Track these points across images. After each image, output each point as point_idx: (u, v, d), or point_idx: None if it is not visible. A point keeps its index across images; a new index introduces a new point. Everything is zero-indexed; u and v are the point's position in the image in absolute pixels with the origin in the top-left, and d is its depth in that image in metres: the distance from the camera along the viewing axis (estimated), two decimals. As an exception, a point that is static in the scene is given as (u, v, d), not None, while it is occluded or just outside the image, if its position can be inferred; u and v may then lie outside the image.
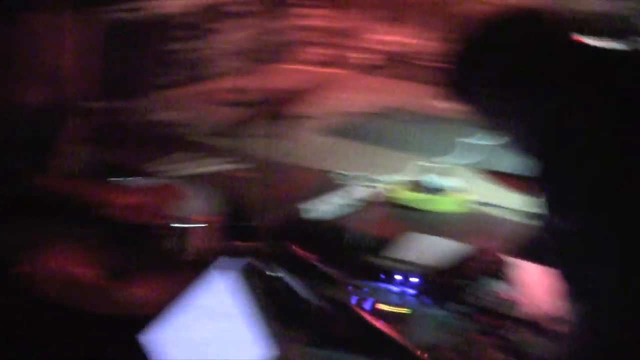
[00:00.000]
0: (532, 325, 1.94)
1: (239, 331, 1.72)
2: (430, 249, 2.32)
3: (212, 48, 6.05)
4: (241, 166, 2.99)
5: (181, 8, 5.65)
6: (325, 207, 3.32)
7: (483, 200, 3.80)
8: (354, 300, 1.98)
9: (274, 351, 1.77)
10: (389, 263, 2.18)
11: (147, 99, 5.22)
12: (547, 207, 1.38)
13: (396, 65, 6.81)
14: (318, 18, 7.03)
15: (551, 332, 1.87)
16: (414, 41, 6.71)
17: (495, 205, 3.80)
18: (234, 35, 6.26)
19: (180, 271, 2.31)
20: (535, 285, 2.07)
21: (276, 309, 1.87)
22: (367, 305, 1.99)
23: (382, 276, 2.11)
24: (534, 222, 2.79)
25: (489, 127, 1.52)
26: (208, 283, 1.65)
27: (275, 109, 2.36)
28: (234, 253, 2.47)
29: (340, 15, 6.92)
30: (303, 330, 1.84)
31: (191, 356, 1.56)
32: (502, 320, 1.97)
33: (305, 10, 7.05)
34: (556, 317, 1.91)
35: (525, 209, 3.66)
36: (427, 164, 3.79)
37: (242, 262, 1.78)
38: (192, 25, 5.76)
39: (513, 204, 3.78)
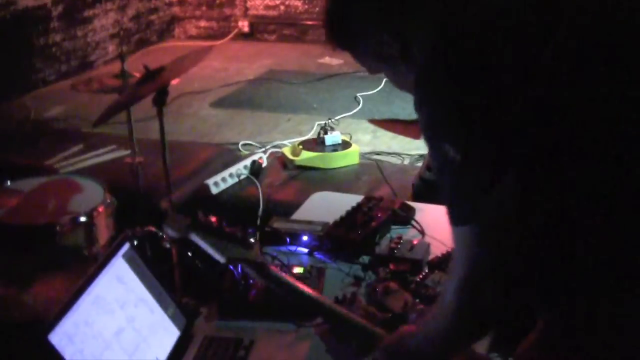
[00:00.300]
0: (442, 265, 1.98)
1: (150, 313, 1.72)
2: (333, 205, 2.34)
3: (91, 35, 5.90)
4: (135, 151, 2.94)
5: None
6: (227, 178, 3.31)
7: (377, 150, 3.89)
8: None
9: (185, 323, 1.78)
10: (294, 225, 2.18)
11: (30, 95, 5.08)
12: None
13: (279, 28, 6.82)
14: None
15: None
16: (295, 2, 6.72)
17: (389, 153, 3.89)
18: (110, 20, 6.12)
19: (86, 265, 2.28)
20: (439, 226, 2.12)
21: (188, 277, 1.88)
22: (276, 267, 1.99)
23: (288, 239, 2.12)
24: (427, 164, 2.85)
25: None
26: (111, 271, 1.64)
27: (162, 88, 2.31)
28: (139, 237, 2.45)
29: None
30: (217, 296, 1.84)
31: (105, 348, 1.54)
32: (411, 264, 2.00)
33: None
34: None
35: (417, 152, 3.79)
36: (321, 123, 3.81)
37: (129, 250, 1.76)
38: (67, 15, 5.59)
39: (405, 149, 3.89)
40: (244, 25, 6.83)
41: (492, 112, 1.18)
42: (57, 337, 1.44)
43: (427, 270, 1.96)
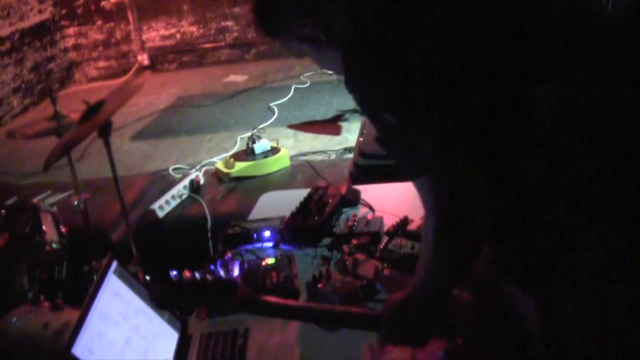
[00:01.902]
0: (398, 232, 2.17)
1: (150, 321, 1.85)
2: (282, 202, 2.50)
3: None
4: (80, 189, 3.01)
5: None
6: (170, 200, 3.44)
7: (303, 151, 4.07)
8: (236, 264, 2.13)
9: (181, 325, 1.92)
10: (254, 224, 2.33)
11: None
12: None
13: (178, 56, 6.95)
14: (86, 34, 7.01)
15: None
16: (189, 29, 6.86)
17: (315, 152, 4.09)
18: (10, 74, 6.12)
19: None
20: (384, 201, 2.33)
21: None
22: (246, 264, 2.15)
23: (253, 237, 2.28)
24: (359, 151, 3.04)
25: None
26: (108, 287, 1.77)
27: (106, 120, 2.44)
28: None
29: (109, 26, 6.94)
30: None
31: (120, 355, 1.67)
32: (371, 236, 2.19)
33: (73, 30, 7.00)
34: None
35: (340, 147, 4.00)
36: (243, 136, 3.98)
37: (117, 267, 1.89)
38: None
39: (328, 147, 4.09)
40: (143, 58, 6.92)
41: (412, 76, 1.31)
42: (79, 349, 1.58)
43: (387, 239, 2.16)
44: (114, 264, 1.87)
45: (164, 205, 3.40)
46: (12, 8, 6.27)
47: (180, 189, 3.49)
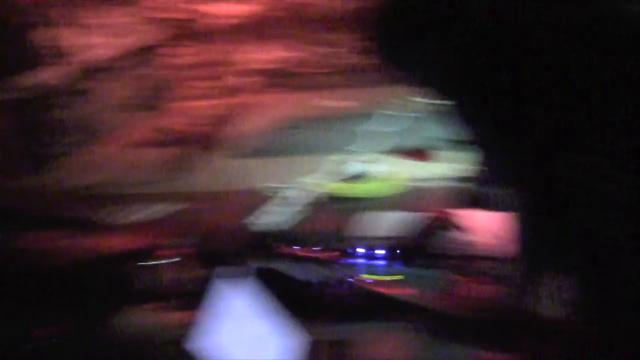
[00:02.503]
0: (491, 259, 2.21)
1: (261, 327, 1.93)
2: (388, 223, 2.56)
3: (97, 105, 6.15)
4: (181, 204, 3.15)
5: (57, 76, 5.72)
6: (272, 218, 3.53)
7: (410, 177, 4.10)
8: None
9: (297, 337, 1.99)
10: (368, 241, 2.40)
11: (50, 170, 5.28)
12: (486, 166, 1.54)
13: (279, 78, 7.09)
14: (190, 55, 7.24)
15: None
16: (295, 53, 7.02)
17: (422, 179, 4.11)
18: (114, 89, 6.38)
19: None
20: (484, 227, 2.37)
21: (286, 298, 2.08)
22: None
23: (360, 253, 2.35)
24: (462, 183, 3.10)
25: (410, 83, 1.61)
26: (221, 293, 1.85)
27: (185, 144, 2.55)
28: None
29: (213, 47, 7.15)
30: (316, 312, 2.05)
31: (235, 355, 1.75)
32: (470, 260, 2.23)
33: (176, 51, 7.24)
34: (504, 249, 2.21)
35: (445, 174, 4.03)
36: (351, 156, 4.05)
37: (237, 270, 1.98)
38: (72, 89, 5.83)
39: (435, 173, 4.12)
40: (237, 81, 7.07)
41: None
42: (199, 344, 1.66)
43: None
44: (239, 268, 1.96)
45: (262, 219, 3.49)
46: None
47: (277, 206, 3.57)
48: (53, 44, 5.72)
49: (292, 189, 4.08)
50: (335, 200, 3.75)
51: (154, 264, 2.67)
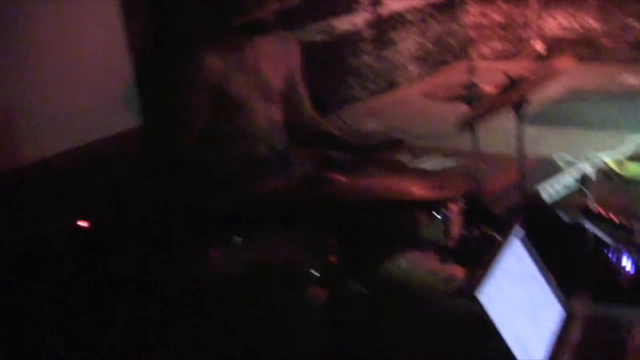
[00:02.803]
0: None
1: (541, 290, 1.96)
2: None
3: (396, 56, 6.36)
4: (469, 161, 3.21)
5: (363, 23, 5.98)
6: (554, 189, 3.49)
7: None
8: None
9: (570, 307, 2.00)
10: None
11: (344, 110, 5.58)
12: None
13: (580, 47, 6.87)
14: (490, 14, 7.23)
15: None
16: (595, 23, 6.76)
17: None
18: (413, 42, 6.56)
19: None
20: None
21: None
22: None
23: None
24: None
25: None
26: (510, 250, 1.90)
27: (522, 98, 2.57)
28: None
29: (510, 9, 7.08)
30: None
31: (510, 312, 1.80)
32: None
33: (475, 9, 7.26)
34: None
35: None
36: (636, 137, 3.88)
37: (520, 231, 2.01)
38: (375, 38, 6.07)
39: None
40: (538, 44, 6.95)
41: None
42: (483, 295, 1.73)
43: None
44: (519, 230, 2.00)
45: (550, 189, 3.46)
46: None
47: (570, 179, 3.52)
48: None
49: (582, 162, 3.99)
50: (624, 180, 3.62)
51: (440, 215, 2.77)
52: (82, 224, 3.10)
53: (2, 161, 3.44)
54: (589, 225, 1.96)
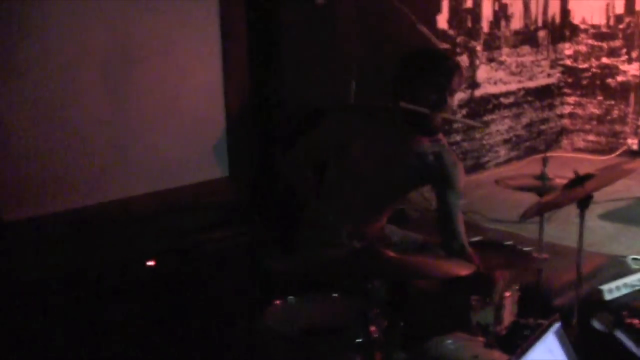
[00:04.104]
0: None
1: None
2: None
3: (487, 138, 6.40)
4: (536, 249, 3.25)
5: (457, 101, 6.04)
6: (621, 287, 3.46)
7: None
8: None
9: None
10: None
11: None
12: None
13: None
14: (584, 106, 7.20)
15: None
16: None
17: None
18: (505, 126, 6.59)
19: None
20: None
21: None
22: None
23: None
24: None
25: None
26: (545, 343, 1.93)
27: (588, 195, 2.61)
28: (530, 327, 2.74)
29: (608, 103, 7.04)
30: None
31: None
32: None
33: (573, 99, 7.24)
34: None
35: None
36: None
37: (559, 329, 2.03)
38: (467, 116, 6.13)
39: None
40: (633, 143, 6.86)
41: None
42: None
43: None
44: (557, 325, 2.03)
45: (614, 289, 3.43)
46: (525, 67, 6.73)
47: (635, 280, 3.48)
48: None
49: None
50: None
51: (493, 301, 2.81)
52: (150, 263, 3.26)
53: (88, 195, 3.65)
54: (621, 336, 1.96)
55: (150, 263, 3.32)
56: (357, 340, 2.35)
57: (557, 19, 7.05)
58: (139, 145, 3.82)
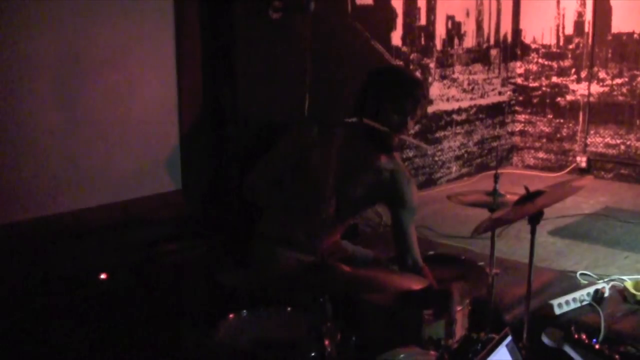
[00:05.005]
0: None
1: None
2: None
3: (438, 155, 6.47)
4: (487, 264, 3.29)
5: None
6: (570, 301, 3.51)
7: None
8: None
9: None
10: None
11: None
12: None
13: (617, 167, 6.90)
14: (535, 124, 7.33)
15: None
16: (636, 144, 6.79)
17: None
18: (457, 143, 6.67)
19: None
20: None
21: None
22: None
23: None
24: None
25: None
26: (492, 357, 1.95)
27: (539, 211, 2.65)
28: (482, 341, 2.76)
29: (558, 122, 7.17)
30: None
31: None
32: None
33: (523, 117, 7.37)
34: None
35: None
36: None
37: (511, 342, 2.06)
38: (422, 134, 6.20)
39: None
40: (582, 160, 7.00)
41: None
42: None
43: None
44: (509, 339, 2.05)
45: (563, 304, 3.48)
46: (477, 84, 6.83)
47: (583, 295, 3.54)
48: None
49: (601, 280, 4.00)
50: (638, 302, 3.62)
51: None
52: (102, 277, 3.23)
53: (37, 208, 3.59)
54: (570, 351, 2.00)
55: (103, 276, 3.27)
56: (311, 355, 2.36)
57: (509, 38, 7.18)
58: (92, 157, 3.78)
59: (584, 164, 7.01)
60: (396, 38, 5.90)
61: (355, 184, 3.07)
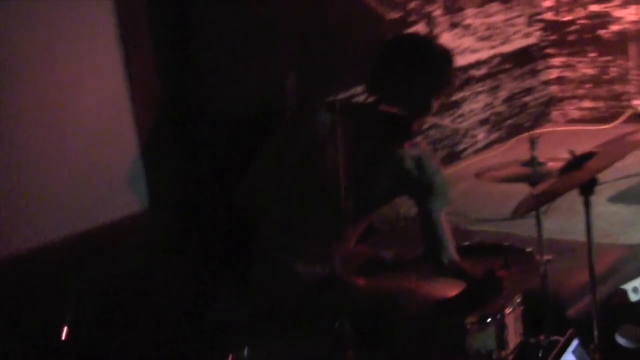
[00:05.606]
0: None
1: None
2: None
3: (459, 121, 6.45)
4: (533, 249, 3.28)
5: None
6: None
7: None
8: None
9: None
10: None
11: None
12: None
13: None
14: (574, 67, 7.27)
15: None
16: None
17: None
18: (481, 103, 6.63)
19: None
20: None
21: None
22: None
23: None
24: None
25: None
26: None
27: (591, 178, 2.64)
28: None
29: (604, 60, 7.11)
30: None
31: None
32: None
33: (559, 60, 7.31)
34: None
35: None
36: None
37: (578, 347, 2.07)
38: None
39: None
40: (639, 104, 6.94)
41: None
42: None
43: None
44: (576, 343, 2.05)
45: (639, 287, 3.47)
46: (496, 29, 6.79)
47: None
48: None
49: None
50: None
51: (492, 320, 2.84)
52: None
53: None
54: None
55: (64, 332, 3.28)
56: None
57: (529, -35, 7.15)
58: (32, 190, 3.74)
59: (641, 109, 6.97)
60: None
61: (374, 181, 3.07)
